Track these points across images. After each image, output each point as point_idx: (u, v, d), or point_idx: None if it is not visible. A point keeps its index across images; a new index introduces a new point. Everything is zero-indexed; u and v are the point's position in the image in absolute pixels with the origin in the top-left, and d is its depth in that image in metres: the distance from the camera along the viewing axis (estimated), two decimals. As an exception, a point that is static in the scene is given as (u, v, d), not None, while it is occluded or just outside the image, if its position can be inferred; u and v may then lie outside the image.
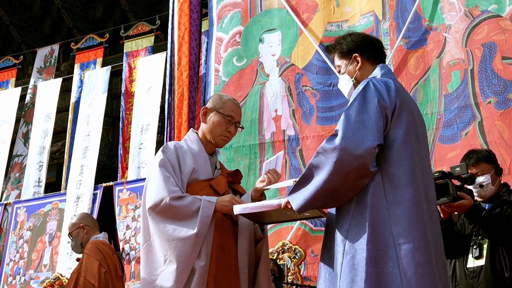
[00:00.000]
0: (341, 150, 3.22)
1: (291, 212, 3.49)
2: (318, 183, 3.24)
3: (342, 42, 3.75)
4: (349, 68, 3.68)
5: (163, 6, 11.80)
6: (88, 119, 10.70)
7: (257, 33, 8.53)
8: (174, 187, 3.97)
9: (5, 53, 13.46)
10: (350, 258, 3.23)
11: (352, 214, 3.29)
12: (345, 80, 3.69)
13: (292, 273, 7.26)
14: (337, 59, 3.73)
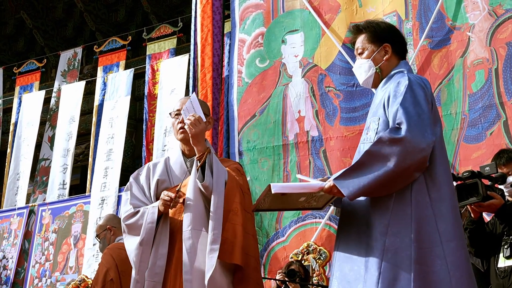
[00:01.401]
0: (408, 142, 3.20)
1: (313, 199, 3.45)
2: (379, 172, 3.21)
3: (375, 26, 3.69)
4: (375, 56, 3.63)
5: (185, 8, 11.84)
6: (112, 122, 10.74)
7: (280, 34, 8.52)
8: (127, 207, 4.20)
9: (28, 57, 13.55)
10: (391, 256, 3.21)
11: (392, 210, 3.27)
12: (367, 65, 3.63)
13: (317, 274, 7.25)
14: (364, 42, 3.65)
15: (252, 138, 8.28)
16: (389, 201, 3.28)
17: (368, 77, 3.64)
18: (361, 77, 3.68)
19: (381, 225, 3.26)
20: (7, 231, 10.99)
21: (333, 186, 3.27)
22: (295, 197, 3.43)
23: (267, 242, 7.85)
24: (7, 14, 14.10)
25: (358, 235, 3.37)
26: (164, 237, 4.08)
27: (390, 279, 3.19)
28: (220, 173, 4.06)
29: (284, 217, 7.83)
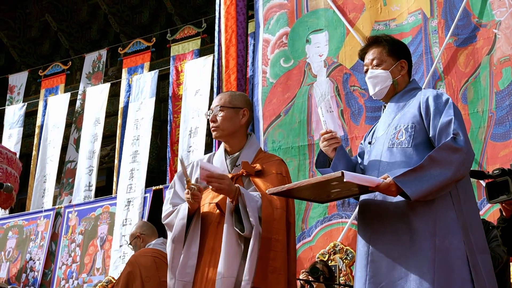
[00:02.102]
0: (465, 153, 3.41)
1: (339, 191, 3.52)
2: (439, 178, 3.36)
3: (395, 41, 3.86)
4: (393, 69, 3.76)
5: (208, 9, 11.84)
6: (137, 123, 10.78)
7: (304, 34, 8.50)
8: (167, 206, 4.24)
9: (53, 59, 13.63)
10: (444, 255, 3.32)
11: (436, 213, 3.41)
12: (384, 76, 3.76)
13: (344, 274, 7.23)
14: (383, 54, 3.79)
15: (277, 138, 8.27)
16: (432, 204, 3.42)
17: (383, 87, 3.78)
18: (375, 87, 3.80)
19: (428, 226, 3.39)
20: (34, 233, 11.06)
21: (392, 184, 3.36)
22: (330, 188, 3.49)
23: (293, 243, 7.83)
24: (32, 17, 14.19)
25: (397, 235, 3.44)
26: (195, 236, 4.01)
27: (445, 278, 3.29)
28: (254, 211, 3.92)
29: (310, 217, 7.82)
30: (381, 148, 3.64)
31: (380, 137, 3.69)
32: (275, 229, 3.94)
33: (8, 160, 6.46)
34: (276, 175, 4.11)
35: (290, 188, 3.57)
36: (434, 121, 3.53)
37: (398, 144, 3.57)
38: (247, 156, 4.20)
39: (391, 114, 3.72)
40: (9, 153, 6.45)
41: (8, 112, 12.60)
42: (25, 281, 10.77)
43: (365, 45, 3.91)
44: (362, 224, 3.63)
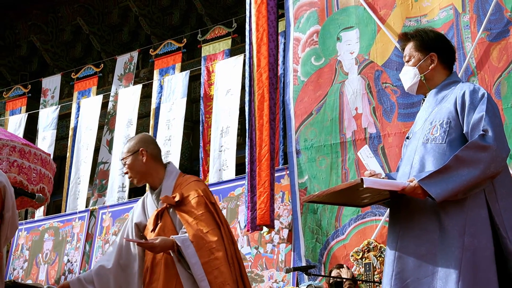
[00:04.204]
0: (494, 151, 3.36)
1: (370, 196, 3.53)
2: (467, 177, 3.32)
3: (423, 35, 3.80)
4: (421, 64, 3.73)
5: (239, 9, 11.86)
6: (169, 124, 10.82)
7: (335, 32, 8.48)
8: None
9: (86, 62, 13.73)
10: (470, 255, 3.29)
11: (468, 212, 3.37)
12: (412, 73, 3.74)
13: (378, 272, 7.20)
14: (412, 50, 3.77)
15: (309, 137, 8.25)
16: (464, 202, 3.38)
17: (412, 84, 3.77)
18: (406, 84, 3.82)
19: (458, 225, 3.36)
20: (69, 234, 11.15)
21: (417, 187, 3.36)
22: (360, 193, 3.46)
23: (327, 241, 7.83)
24: (64, 21, 14.30)
25: (426, 233, 3.43)
26: None
27: (471, 278, 3.27)
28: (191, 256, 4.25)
29: (343, 215, 7.79)
30: (416, 143, 3.62)
31: (417, 131, 3.67)
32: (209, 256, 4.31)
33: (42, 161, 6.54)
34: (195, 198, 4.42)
35: (319, 196, 3.60)
36: (468, 117, 3.49)
37: (432, 140, 3.54)
38: (167, 188, 4.50)
39: (428, 108, 3.70)
40: (43, 155, 6.54)
41: (42, 115, 12.71)
42: (64, 283, 10.84)
43: (403, 40, 3.91)
44: (392, 220, 3.62)
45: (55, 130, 12.50)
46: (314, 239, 7.92)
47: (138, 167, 4.53)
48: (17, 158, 6.28)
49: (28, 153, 6.42)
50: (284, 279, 8.51)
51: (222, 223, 4.45)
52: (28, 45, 14.79)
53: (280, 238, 8.69)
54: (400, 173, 3.63)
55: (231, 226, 9.09)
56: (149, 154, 4.57)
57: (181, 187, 4.47)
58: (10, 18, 14.71)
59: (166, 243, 4.23)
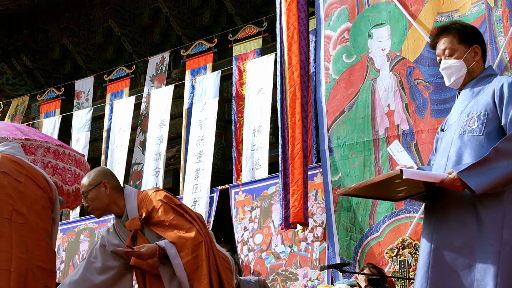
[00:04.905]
0: None
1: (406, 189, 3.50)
2: (507, 170, 3.32)
3: (464, 27, 3.77)
4: (466, 56, 3.66)
5: (269, 8, 11.86)
6: (201, 124, 10.86)
7: (366, 29, 8.45)
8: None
9: (118, 64, 13.83)
10: (509, 248, 3.27)
11: (506, 205, 3.34)
12: (458, 65, 3.67)
13: (414, 269, 7.16)
14: (454, 43, 3.70)
15: (341, 134, 8.24)
16: (502, 195, 3.35)
17: (459, 77, 3.69)
18: (451, 78, 3.72)
19: (496, 218, 3.32)
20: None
21: (456, 179, 3.33)
22: (396, 186, 3.46)
23: (361, 238, 7.81)
24: (96, 23, 14.42)
25: (463, 225, 3.40)
26: None
27: (510, 272, 3.25)
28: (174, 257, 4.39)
29: (378, 213, 7.77)
30: (452, 135, 3.58)
31: (453, 124, 3.63)
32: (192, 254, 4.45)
33: (76, 162, 6.59)
34: (161, 207, 4.53)
35: (356, 189, 3.58)
36: (507, 109, 3.45)
37: (470, 132, 3.51)
38: (131, 211, 4.58)
39: (464, 101, 3.66)
40: (77, 155, 6.59)
41: (76, 117, 12.82)
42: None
43: (435, 34, 3.81)
44: (427, 213, 3.60)
45: (89, 132, 12.61)
46: (348, 236, 7.90)
47: (101, 199, 4.61)
48: (52, 159, 6.33)
49: (62, 154, 6.47)
50: (318, 277, 8.50)
51: (194, 218, 4.57)
52: (61, 48, 14.93)
53: (314, 236, 8.69)
54: (436, 165, 3.60)
55: (265, 225, 9.12)
56: (110, 185, 4.66)
57: (144, 203, 4.57)
58: (43, 21, 14.87)
59: (152, 249, 4.36)
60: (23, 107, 14.10)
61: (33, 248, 4.16)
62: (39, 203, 4.26)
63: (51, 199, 4.37)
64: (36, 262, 4.17)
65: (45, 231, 4.28)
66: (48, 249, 4.27)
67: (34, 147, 6.34)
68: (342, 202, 8.03)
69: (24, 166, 4.34)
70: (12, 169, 4.27)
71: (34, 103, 14.51)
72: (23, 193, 4.22)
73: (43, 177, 4.38)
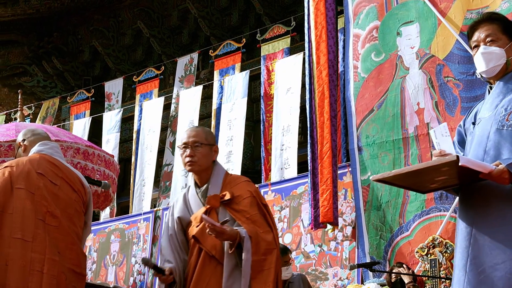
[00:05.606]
0: None
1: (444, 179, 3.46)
2: None
3: (508, 20, 3.74)
4: (507, 48, 3.62)
5: (297, 8, 11.85)
6: (230, 124, 10.88)
7: (394, 27, 8.41)
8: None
9: (147, 65, 13.89)
10: None
11: None
12: (499, 53, 3.62)
13: (444, 268, 7.12)
14: (498, 32, 3.65)
15: (371, 133, 8.21)
16: None
17: (496, 65, 3.62)
18: (488, 64, 3.65)
19: None
20: (136, 236, 11.28)
21: (505, 171, 3.31)
22: (438, 175, 3.43)
23: (391, 237, 7.77)
24: (124, 25, 14.50)
25: (503, 219, 3.37)
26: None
27: None
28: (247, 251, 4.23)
29: (408, 211, 7.73)
30: (488, 129, 3.53)
31: (487, 117, 3.58)
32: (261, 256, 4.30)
33: (105, 162, 6.64)
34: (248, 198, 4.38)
35: (398, 174, 3.54)
36: None
37: (509, 126, 3.46)
38: (214, 187, 4.42)
39: (499, 95, 3.61)
40: (106, 156, 6.64)
41: (106, 118, 12.90)
42: (133, 284, 10.98)
43: (477, 20, 3.75)
44: (465, 205, 3.56)
45: (119, 133, 12.68)
46: (378, 236, 7.87)
47: (208, 159, 4.44)
48: (81, 160, 6.39)
49: (92, 154, 6.52)
50: (348, 276, 8.47)
51: (273, 226, 4.44)
52: (90, 50, 15.04)
53: (343, 236, 8.66)
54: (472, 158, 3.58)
55: (294, 224, 9.11)
56: (217, 154, 4.57)
57: (230, 186, 4.44)
58: (73, 24, 14.99)
59: (234, 233, 4.18)
60: (54, 109, 14.22)
61: (64, 251, 4.20)
62: (73, 207, 4.30)
63: (84, 203, 4.40)
64: (68, 265, 4.20)
65: (76, 234, 4.32)
66: (79, 253, 4.31)
67: (64, 148, 6.40)
68: (372, 201, 8.00)
69: (60, 168, 4.37)
70: (48, 171, 4.30)
71: (64, 105, 14.62)
72: (58, 196, 4.26)
73: (78, 180, 4.41)
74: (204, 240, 4.29)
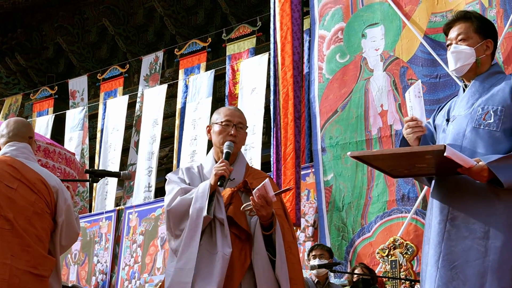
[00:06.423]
0: None
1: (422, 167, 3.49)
2: None
3: (484, 19, 3.77)
4: (478, 47, 3.65)
5: (263, 8, 11.84)
6: (195, 123, 10.83)
7: (359, 29, 8.44)
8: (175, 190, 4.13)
9: (111, 63, 13.78)
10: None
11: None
12: (468, 52, 3.64)
13: (405, 269, 7.16)
14: (470, 30, 3.68)
15: (334, 134, 8.22)
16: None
17: (465, 64, 3.65)
18: (457, 63, 3.68)
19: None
20: (97, 235, 11.19)
21: (485, 169, 3.33)
22: (418, 161, 3.43)
23: (353, 239, 7.80)
24: (90, 22, 14.38)
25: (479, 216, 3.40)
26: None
27: None
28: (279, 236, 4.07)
29: (370, 213, 7.77)
30: (464, 127, 3.56)
31: (463, 115, 3.60)
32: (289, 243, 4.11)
33: (66, 160, 6.57)
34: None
35: (379, 154, 3.55)
36: None
37: (486, 126, 3.50)
38: (238, 171, 4.23)
39: (475, 94, 3.63)
40: (67, 154, 6.56)
41: (69, 115, 12.77)
42: (95, 283, 10.89)
43: (452, 19, 3.77)
44: (439, 201, 3.55)
45: (82, 131, 12.56)
46: (340, 236, 7.89)
47: (242, 144, 4.26)
48: (42, 157, 6.31)
49: (53, 152, 6.44)
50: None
51: (291, 225, 4.29)
52: (55, 47, 14.89)
53: (305, 236, 8.66)
54: None
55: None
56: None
57: (254, 176, 4.25)
58: (37, 20, 14.84)
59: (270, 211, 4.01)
60: (17, 106, 14.07)
61: (20, 254, 4.12)
62: (31, 209, 4.21)
63: (49, 203, 4.30)
64: (23, 267, 4.11)
65: (36, 236, 4.22)
66: (39, 254, 4.21)
67: (24, 145, 6.30)
68: (334, 202, 8.02)
69: (20, 170, 4.28)
70: (5, 174, 4.23)
71: (27, 102, 14.47)
72: (12, 199, 4.18)
73: (40, 181, 4.31)
74: (240, 217, 4.05)
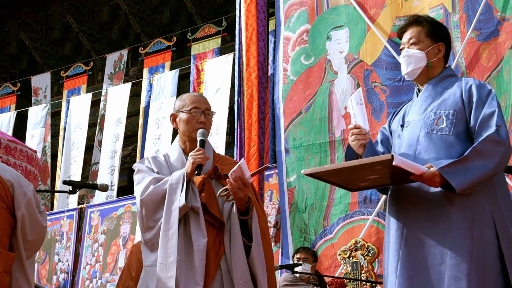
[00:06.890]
0: (507, 146, 3.42)
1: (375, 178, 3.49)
2: (484, 170, 3.36)
3: (434, 23, 3.80)
4: (429, 51, 3.68)
5: (229, 8, 11.84)
6: (158, 123, 10.79)
7: (325, 31, 8.47)
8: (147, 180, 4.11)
9: (75, 60, 13.68)
10: (480, 247, 3.34)
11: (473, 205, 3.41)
12: (419, 56, 3.68)
13: (366, 270, 7.20)
14: (422, 34, 3.71)
15: (298, 136, 8.25)
16: (470, 195, 3.40)
17: (416, 68, 3.69)
18: (408, 67, 3.71)
19: (467, 217, 3.38)
20: (58, 233, 11.09)
21: (436, 175, 3.34)
22: (369, 173, 3.44)
23: (315, 240, 7.82)
24: (54, 19, 14.27)
25: (433, 222, 3.42)
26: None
27: (481, 269, 3.31)
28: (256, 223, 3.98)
29: (332, 214, 7.80)
30: (417, 132, 3.57)
31: (416, 121, 3.62)
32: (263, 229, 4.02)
33: (28, 158, 6.48)
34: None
35: (330, 169, 3.54)
36: (476, 111, 3.48)
37: (438, 131, 3.52)
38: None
39: (428, 99, 3.65)
40: (29, 151, 6.47)
41: (31, 112, 12.65)
42: (57, 283, 10.79)
43: (405, 24, 3.82)
44: (395, 208, 3.57)
45: (44, 128, 12.44)
46: (302, 238, 7.91)
47: (210, 128, 4.20)
48: (3, 154, 6.22)
49: (14, 149, 6.35)
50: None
51: (264, 211, 4.22)
52: (18, 43, 14.74)
53: (268, 237, 8.67)
54: None
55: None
56: None
57: (222, 162, 4.16)
58: (0, 16, 14.66)
59: (247, 193, 3.90)
60: (-22, 102, 13.90)
61: None
62: None
63: (4, 197, 4.23)
64: None
65: None
66: None
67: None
68: (297, 203, 8.04)
69: None
70: None
71: (-11, 98, 14.31)
72: None
73: None
74: (213, 205, 3.95)
